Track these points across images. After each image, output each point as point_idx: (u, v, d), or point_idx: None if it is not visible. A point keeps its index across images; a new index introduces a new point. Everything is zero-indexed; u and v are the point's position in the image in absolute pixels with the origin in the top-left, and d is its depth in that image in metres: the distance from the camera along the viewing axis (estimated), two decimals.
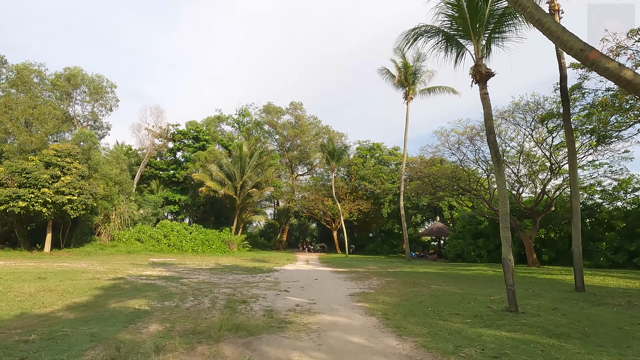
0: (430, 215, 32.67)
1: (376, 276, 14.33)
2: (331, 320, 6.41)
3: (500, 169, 7.38)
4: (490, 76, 7.74)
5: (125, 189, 29.21)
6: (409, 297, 8.97)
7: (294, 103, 41.96)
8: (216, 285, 10.82)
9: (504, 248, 7.15)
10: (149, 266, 16.71)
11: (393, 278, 13.52)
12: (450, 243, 25.43)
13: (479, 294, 9.56)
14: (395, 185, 35.64)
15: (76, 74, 27.58)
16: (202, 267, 17.34)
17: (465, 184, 19.69)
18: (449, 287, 10.82)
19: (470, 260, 23.30)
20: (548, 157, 16.43)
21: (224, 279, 12.40)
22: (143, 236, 28.29)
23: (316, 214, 38.22)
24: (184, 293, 9.05)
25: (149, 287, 10.03)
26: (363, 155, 40.03)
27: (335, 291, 10.02)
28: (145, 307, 7.17)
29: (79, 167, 21.72)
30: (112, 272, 13.81)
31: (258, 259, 23.93)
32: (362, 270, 17.12)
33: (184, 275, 13.15)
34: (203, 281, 11.66)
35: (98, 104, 29.67)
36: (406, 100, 27.30)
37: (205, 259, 23.52)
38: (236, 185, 32.33)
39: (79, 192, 21.24)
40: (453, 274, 15.17)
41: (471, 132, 18.07)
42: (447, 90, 26.97)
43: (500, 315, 6.68)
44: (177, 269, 15.75)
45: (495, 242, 22.95)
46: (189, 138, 38.49)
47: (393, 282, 12.29)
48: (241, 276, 13.55)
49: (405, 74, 26.80)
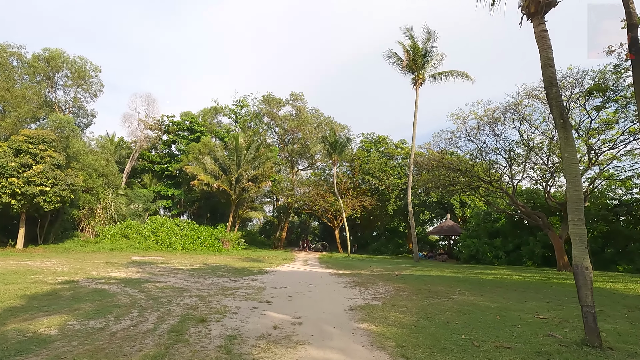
0: (440, 212, 30.29)
1: (382, 281, 12.11)
2: (319, 358, 4.21)
3: (568, 136, 5.10)
4: (551, 5, 5.45)
5: (112, 181, 27.23)
6: (429, 313, 6.74)
7: (294, 94, 39.72)
8: (184, 292, 8.67)
9: (577, 251, 4.86)
10: (122, 266, 14.64)
11: (403, 284, 11.29)
12: (463, 243, 23.09)
13: (519, 309, 7.30)
14: (402, 180, 33.30)
15: (56, 56, 25.46)
16: (185, 267, 15.25)
17: (485, 176, 17.31)
18: (476, 298, 8.56)
19: (486, 261, 20.96)
20: (586, 141, 13.99)
21: (199, 284, 10.26)
22: (130, 232, 26.27)
23: (317, 211, 36.00)
24: (132, 305, 6.90)
25: (95, 295, 7.91)
26: (367, 148, 37.65)
27: (331, 303, 7.82)
28: (53, 330, 5.02)
29: (53, 156, 19.69)
30: (72, 273, 11.75)
31: (252, 258, 21.84)
32: (366, 273, 14.90)
33: (154, 278, 11.04)
34: (171, 286, 9.52)
35: (81, 89, 27.47)
36: (415, 85, 24.90)
37: (194, 257, 21.47)
38: (231, 179, 30.17)
39: (53, 182, 19.21)
40: (473, 279, 12.89)
41: (492, 116, 15.64)
42: (460, 76, 24.51)
43: (577, 352, 4.42)
44: (153, 270, 13.67)
45: (514, 242, 20.62)
46: (183, 129, 36.40)
47: (404, 289, 10.06)
48: (222, 279, 11.41)
49: (414, 56, 24.41)
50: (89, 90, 27.89)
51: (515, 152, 15.91)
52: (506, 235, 21.36)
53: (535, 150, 15.63)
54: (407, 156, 35.35)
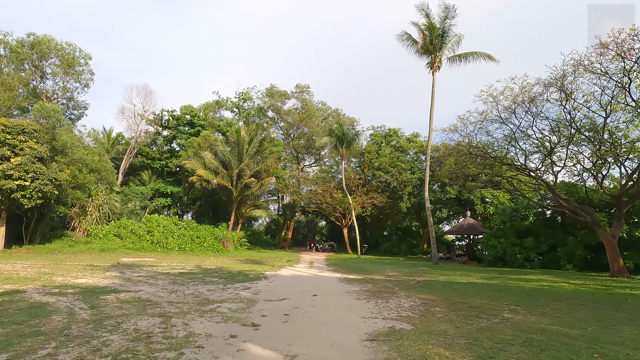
0: (458, 209, 27.77)
1: (403, 289, 9.92)
2: None
3: None
4: None
5: (105, 177, 25.50)
6: (487, 348, 4.53)
7: (300, 85, 37.55)
8: (148, 308, 6.62)
9: None
10: (101, 270, 12.73)
11: (429, 294, 9.07)
12: (487, 243, 20.65)
13: (616, 340, 5.04)
14: (415, 175, 30.92)
15: (42, 41, 23.64)
16: (173, 271, 13.30)
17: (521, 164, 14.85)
18: (538, 319, 6.30)
19: (516, 264, 18.52)
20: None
21: (176, 294, 8.23)
22: (123, 232, 24.50)
23: (324, 209, 33.81)
24: (59, 331, 4.86)
25: (24, 313, 5.91)
26: (378, 142, 35.28)
27: (341, 327, 5.67)
28: None
29: (35, 147, 17.94)
30: (32, 279, 9.87)
31: (252, 260, 19.84)
32: (380, 279, 12.71)
33: (125, 287, 9.06)
34: (138, 299, 7.50)
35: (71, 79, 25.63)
36: (432, 69, 22.55)
37: (189, 259, 19.58)
38: (232, 175, 28.20)
39: (33, 176, 17.46)
40: (514, 288, 10.58)
41: (530, 93, 13.15)
42: (483, 57, 22.08)
43: None
44: (133, 274, 11.74)
45: (548, 242, 18.16)
46: (183, 124, 34.58)
47: (434, 302, 7.85)
48: (208, 288, 9.36)
49: (431, 36, 22.07)
50: (79, 79, 26.12)
51: (560, 134, 13.41)
52: (537, 235, 18.88)
53: (585, 132, 13.08)
54: (420, 150, 32.95)
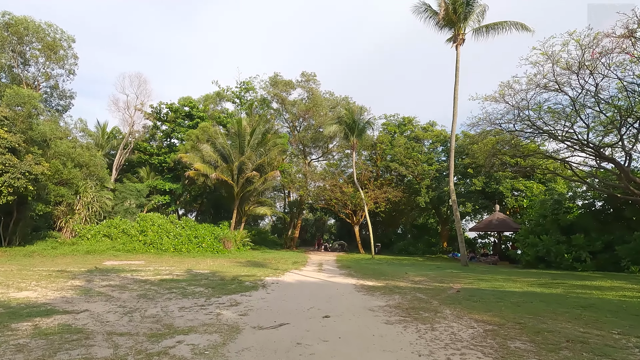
0: (484, 203, 24.85)
1: (444, 304, 7.33)
2: None
3: None
4: None
5: (95, 173, 23.40)
6: None
7: (305, 73, 35.00)
8: (67, 345, 4.17)
9: None
10: (68, 278, 10.44)
11: (486, 313, 6.45)
12: (525, 241, 17.79)
13: None
14: (434, 167, 28.10)
15: (18, 21, 21.46)
16: (155, 277, 10.95)
17: (582, 139, 12.07)
18: None
19: (562, 265, 15.66)
20: None
21: (131, 317, 5.80)
22: (114, 232, 22.33)
23: (333, 206, 31.23)
24: None
25: None
26: (391, 132, 32.50)
27: None
28: None
29: (4, 137, 15.83)
30: None
31: (254, 262, 17.47)
32: (406, 286, 10.13)
33: (73, 304, 6.71)
34: (67, 327, 5.09)
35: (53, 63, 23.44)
36: (455, 43, 19.77)
37: (182, 261, 17.29)
38: (232, 168, 25.81)
39: (2, 169, 15.34)
40: (594, 301, 7.88)
41: (595, 48, 10.31)
42: (515, 27, 19.20)
43: None
44: (102, 283, 9.44)
45: (603, 239, 15.26)
46: (182, 116, 32.36)
47: (503, 330, 5.24)
48: (182, 305, 6.92)
49: (454, 5, 19.28)
50: (63, 64, 23.98)
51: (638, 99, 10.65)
52: (587, 230, 16.00)
53: None
54: (438, 139, 30.10)
